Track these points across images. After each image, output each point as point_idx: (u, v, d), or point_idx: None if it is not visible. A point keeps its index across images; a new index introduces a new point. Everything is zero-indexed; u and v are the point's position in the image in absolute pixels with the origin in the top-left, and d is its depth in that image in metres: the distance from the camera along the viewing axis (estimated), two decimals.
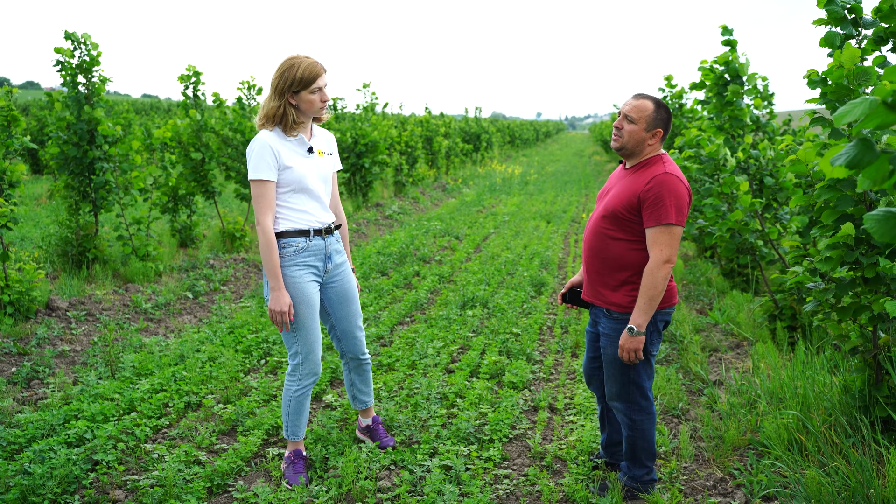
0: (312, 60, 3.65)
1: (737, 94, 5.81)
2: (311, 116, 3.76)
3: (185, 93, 10.16)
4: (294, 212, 3.73)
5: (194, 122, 9.78)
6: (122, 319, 6.83)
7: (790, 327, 5.90)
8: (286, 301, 3.65)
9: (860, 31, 3.69)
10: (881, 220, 1.90)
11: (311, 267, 3.79)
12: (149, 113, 42.94)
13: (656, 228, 3.36)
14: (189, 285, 8.05)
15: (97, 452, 4.07)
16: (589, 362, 3.90)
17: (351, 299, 4.03)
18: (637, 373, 3.58)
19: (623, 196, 3.47)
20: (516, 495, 3.83)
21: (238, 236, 10.10)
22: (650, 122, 3.49)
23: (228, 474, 3.94)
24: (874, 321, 3.74)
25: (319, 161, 3.83)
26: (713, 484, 3.97)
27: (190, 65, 10.07)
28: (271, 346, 6.07)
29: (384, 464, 4.09)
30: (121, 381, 5.17)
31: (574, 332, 6.59)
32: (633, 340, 3.41)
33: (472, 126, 30.16)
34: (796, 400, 4.27)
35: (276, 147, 3.64)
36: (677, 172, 3.43)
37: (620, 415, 3.68)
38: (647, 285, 3.37)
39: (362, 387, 4.28)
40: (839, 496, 3.35)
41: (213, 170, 10.04)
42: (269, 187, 3.63)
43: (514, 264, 9.54)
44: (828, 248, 3.66)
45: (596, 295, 3.64)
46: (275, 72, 3.67)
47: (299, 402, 3.93)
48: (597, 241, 3.59)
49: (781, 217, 6.16)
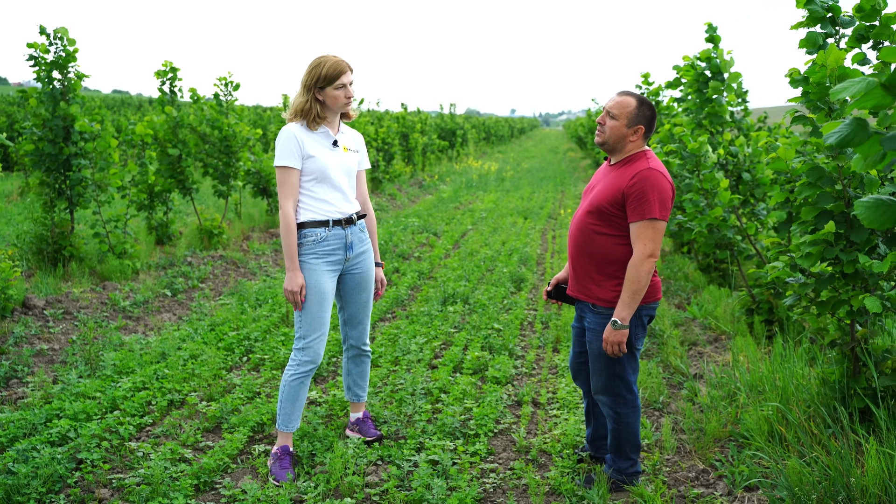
0: (338, 59, 3.84)
1: (717, 91, 5.88)
2: (336, 112, 3.94)
3: (161, 88, 10.07)
4: (315, 202, 3.90)
5: (171, 118, 9.70)
6: (101, 317, 6.77)
7: (767, 321, 5.99)
8: (299, 282, 3.83)
9: (838, 30, 3.76)
10: (871, 206, 1.95)
11: (329, 256, 3.94)
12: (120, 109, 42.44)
13: (640, 223, 3.40)
14: (167, 283, 8.00)
15: (81, 451, 4.04)
16: (575, 357, 3.94)
17: (365, 288, 4.17)
18: (622, 367, 3.62)
19: (608, 192, 3.51)
20: (503, 489, 3.87)
21: (216, 233, 10.04)
22: (631, 119, 3.53)
23: (215, 471, 3.93)
24: (852, 315, 3.81)
25: (343, 155, 3.99)
26: (696, 475, 4.03)
27: (167, 60, 9.98)
28: (253, 344, 6.06)
29: (371, 459, 4.11)
30: (102, 379, 5.13)
31: (554, 327, 6.63)
32: (616, 334, 3.45)
33: (447, 122, 30.18)
34: (776, 392, 4.35)
35: (300, 137, 3.84)
36: (661, 168, 3.47)
37: (606, 408, 3.72)
38: (631, 279, 3.41)
39: (358, 379, 4.34)
40: (819, 485, 3.42)
41: (190, 166, 9.97)
42: (291, 174, 3.83)
43: (493, 260, 9.58)
44: (808, 243, 3.73)
45: (582, 290, 3.68)
46: (304, 71, 3.86)
47: (294, 388, 3.96)
48: (582, 236, 3.62)
49: (759, 213, 6.25)
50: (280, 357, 5.68)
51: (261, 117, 26.87)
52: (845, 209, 3.67)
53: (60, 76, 7.88)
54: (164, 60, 9.98)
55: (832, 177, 3.61)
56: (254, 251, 10.11)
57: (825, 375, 4.09)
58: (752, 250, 6.22)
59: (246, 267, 9.27)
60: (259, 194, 11.92)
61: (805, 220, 3.77)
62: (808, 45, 3.73)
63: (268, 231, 11.56)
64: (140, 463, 4.02)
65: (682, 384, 5.31)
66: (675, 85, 7.29)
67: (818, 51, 3.68)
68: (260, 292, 7.66)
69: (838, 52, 3.39)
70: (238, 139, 10.19)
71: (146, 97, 56.20)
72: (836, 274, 3.76)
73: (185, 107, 10.62)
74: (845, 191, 3.62)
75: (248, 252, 10.06)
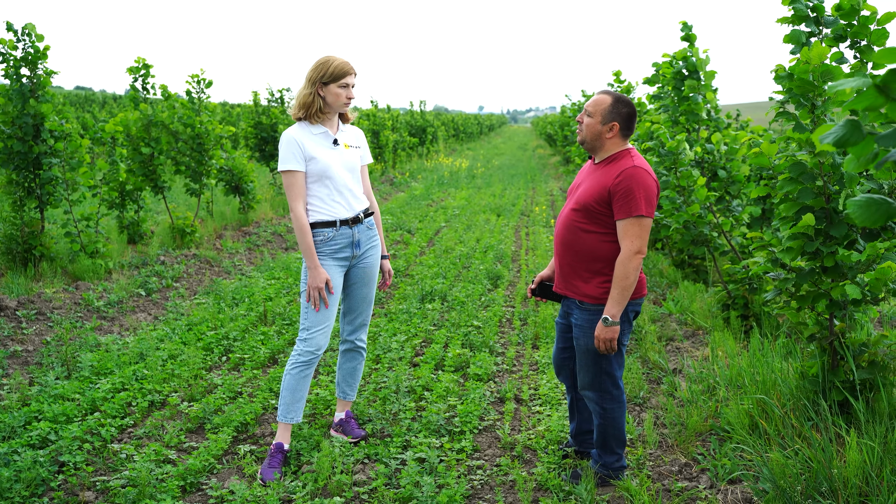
0: (345, 60, 3.97)
1: (694, 89, 5.96)
2: (336, 111, 4.03)
3: (133, 85, 9.94)
4: (322, 202, 3.99)
5: (144, 115, 9.58)
6: (75, 318, 6.67)
7: (743, 316, 6.08)
8: (323, 277, 3.93)
9: (821, 29, 3.82)
10: (863, 205, 1.99)
11: (337, 254, 4.04)
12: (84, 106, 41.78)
13: (627, 220, 3.44)
14: (141, 282, 7.91)
15: (63, 454, 3.99)
16: (559, 353, 3.97)
17: (366, 283, 4.24)
18: (609, 363, 3.66)
19: (594, 190, 3.54)
20: (490, 485, 3.89)
21: (188, 232, 9.94)
22: (606, 116, 3.57)
23: (201, 472, 3.91)
24: (831, 308, 3.89)
25: (345, 153, 4.07)
26: (678, 469, 4.08)
27: (139, 57, 9.86)
28: (232, 343, 6.02)
29: (358, 458, 4.11)
30: (80, 380, 5.06)
31: (533, 323, 6.67)
32: (608, 331, 3.49)
33: (417, 120, 30.14)
34: (756, 386, 4.42)
35: (300, 140, 3.93)
36: (645, 166, 3.51)
37: (592, 404, 3.76)
38: (620, 276, 3.45)
39: (348, 377, 4.37)
40: (802, 477, 3.49)
41: (163, 164, 9.86)
42: (296, 177, 3.93)
43: (468, 258, 9.60)
44: (789, 238, 3.79)
45: (568, 287, 3.71)
46: (310, 67, 3.98)
47: (294, 378, 4.01)
48: (569, 234, 3.65)
49: (734, 209, 6.34)
50: (260, 356, 5.65)
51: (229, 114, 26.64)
52: (825, 205, 3.75)
53: (30, 73, 7.74)
54: (137, 57, 9.86)
55: (813, 172, 3.68)
56: (227, 250, 10.03)
57: (804, 369, 4.17)
58: (728, 246, 6.31)
59: (220, 266, 9.20)
60: (231, 192, 11.83)
61: (786, 216, 3.84)
62: (792, 41, 3.79)
63: (240, 229, 11.47)
64: (124, 465, 3.98)
65: (661, 379, 5.37)
66: (652, 81, 7.36)
67: (802, 48, 3.74)
68: (236, 291, 7.61)
69: (822, 48, 3.46)
70: (211, 137, 10.10)
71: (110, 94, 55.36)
72: (816, 268, 3.83)
73: (157, 104, 10.49)
74: (826, 186, 3.69)
75: (222, 251, 9.97)
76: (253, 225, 11.91)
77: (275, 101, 16.04)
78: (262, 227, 11.65)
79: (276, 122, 14.96)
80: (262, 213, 12.58)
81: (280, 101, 16.15)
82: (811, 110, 3.63)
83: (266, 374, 5.42)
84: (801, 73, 3.55)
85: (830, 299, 3.87)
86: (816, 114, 3.62)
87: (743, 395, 4.46)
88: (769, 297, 4.04)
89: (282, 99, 16.22)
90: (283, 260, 9.37)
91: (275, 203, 13.55)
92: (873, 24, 3.99)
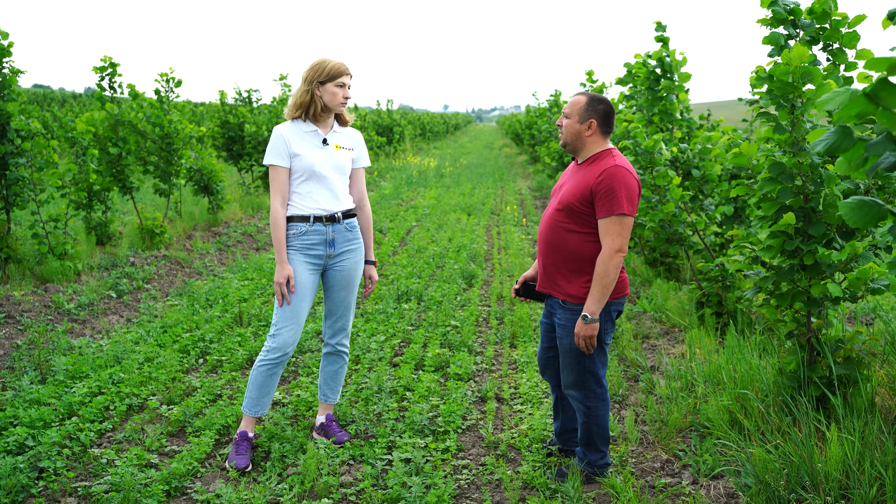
0: (341, 62, 4.03)
1: (669, 90, 6.03)
2: (332, 111, 4.07)
3: (100, 84, 9.79)
4: (301, 198, 4.04)
5: (111, 115, 9.44)
6: (45, 321, 6.56)
7: (717, 313, 6.17)
8: (286, 273, 3.97)
9: (798, 32, 3.90)
10: (855, 207, 2.04)
11: (309, 251, 4.06)
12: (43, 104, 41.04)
13: (609, 219, 3.47)
14: (112, 284, 7.80)
15: (42, 459, 3.93)
16: (543, 352, 4.00)
17: (345, 287, 4.24)
18: (592, 361, 3.69)
19: (577, 190, 3.58)
20: (477, 485, 3.90)
21: (158, 232, 9.82)
22: (582, 114, 3.61)
23: (185, 476, 3.87)
24: (809, 306, 3.97)
25: (334, 153, 4.10)
26: (661, 465, 4.13)
27: (106, 55, 9.71)
28: (208, 345, 5.96)
29: (343, 459, 4.10)
30: (55, 385, 4.98)
31: (510, 322, 6.71)
32: (587, 328, 3.52)
33: (384, 119, 30.10)
34: (734, 382, 4.49)
35: (287, 137, 4.00)
36: (627, 165, 3.55)
37: (576, 402, 3.79)
38: (600, 273, 3.49)
39: (329, 380, 4.36)
40: (783, 472, 3.55)
41: (131, 164, 9.73)
42: (279, 172, 3.99)
43: (442, 257, 9.61)
44: (769, 237, 3.86)
45: (552, 286, 3.74)
46: (306, 68, 4.04)
47: (262, 374, 4.04)
48: (553, 234, 3.68)
49: (706, 208, 6.42)
50: (238, 358, 5.60)
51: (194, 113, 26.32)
52: (803, 204, 3.82)
53: None
54: (103, 55, 9.71)
55: (792, 172, 3.75)
56: (198, 250, 9.93)
57: (782, 365, 4.24)
58: (702, 245, 6.39)
59: (191, 266, 9.10)
60: (200, 192, 11.71)
61: (765, 215, 3.90)
62: (771, 43, 3.86)
63: (210, 230, 11.37)
64: (105, 470, 3.93)
65: (638, 377, 5.43)
66: (625, 82, 7.43)
67: (780, 51, 3.81)
68: (210, 292, 7.54)
69: (802, 50, 3.53)
70: (181, 136, 9.99)
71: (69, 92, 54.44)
72: (796, 266, 3.91)
73: (124, 103, 10.34)
74: (805, 186, 3.77)
75: (193, 251, 9.87)
76: (223, 225, 11.81)
77: (242, 101, 15.92)
78: (232, 228, 11.56)
79: (243, 121, 14.84)
80: (231, 213, 12.47)
81: (247, 101, 16.02)
82: (791, 111, 3.69)
83: (245, 376, 5.38)
84: (781, 74, 3.61)
85: (809, 297, 3.95)
86: (796, 114, 3.69)
87: (721, 392, 4.53)
88: (748, 294, 4.11)
89: (249, 99, 16.10)
90: (256, 261, 9.30)
91: (244, 203, 13.44)
92: (844, 27, 4.08)
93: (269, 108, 15.36)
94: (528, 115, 26.22)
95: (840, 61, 4.10)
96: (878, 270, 3.60)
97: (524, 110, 31.05)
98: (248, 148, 14.73)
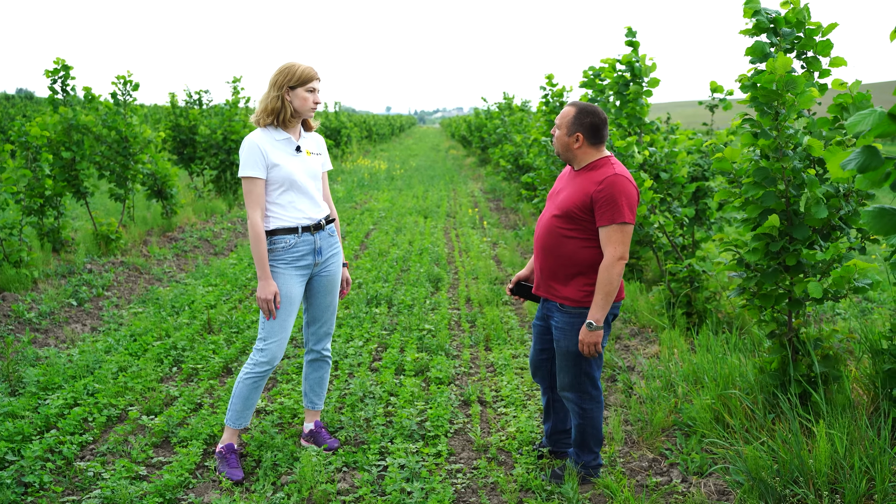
0: (310, 66, 3.92)
1: (638, 94, 6.15)
2: (301, 116, 3.95)
3: (52, 87, 9.53)
4: (284, 209, 3.91)
5: (65, 118, 9.20)
6: (6, 331, 6.37)
7: (686, 313, 6.31)
8: (271, 289, 3.85)
9: (780, 40, 4.02)
10: (875, 215, 2.13)
11: (298, 262, 3.97)
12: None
13: (610, 227, 3.53)
14: (71, 292, 7.61)
15: (26, 474, 3.83)
16: (537, 354, 4.04)
17: (330, 291, 4.18)
18: (589, 364, 3.75)
19: (576, 196, 3.63)
20: (472, 488, 3.93)
21: (113, 238, 9.60)
22: (570, 127, 3.66)
23: (178, 487, 3.81)
24: (792, 306, 4.10)
25: (307, 160, 4.00)
26: (648, 464, 4.21)
27: (58, 58, 9.45)
28: (181, 353, 5.86)
29: (337, 466, 4.08)
30: (27, 397, 4.85)
31: (481, 325, 6.75)
32: (592, 335, 3.58)
33: (332, 121, 29.90)
34: (715, 382, 4.60)
35: (263, 146, 3.84)
36: (626, 174, 3.62)
37: (571, 404, 3.85)
38: (603, 281, 3.54)
39: (315, 386, 4.32)
40: (773, 468, 3.66)
41: (86, 169, 9.49)
42: (256, 184, 3.84)
43: (405, 261, 9.61)
44: (753, 239, 3.98)
45: (549, 290, 3.78)
46: (274, 72, 3.91)
47: (247, 387, 3.99)
48: (550, 238, 3.72)
49: (674, 210, 6.57)
50: (214, 366, 5.53)
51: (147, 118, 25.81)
52: (785, 208, 3.94)
53: None
54: (56, 58, 9.45)
55: (776, 177, 3.87)
56: (155, 256, 9.74)
57: (763, 364, 4.37)
58: (670, 246, 6.53)
59: (150, 273, 8.93)
60: (154, 196, 11.48)
61: (749, 217, 4.02)
62: (754, 53, 3.98)
63: (165, 235, 11.16)
64: (93, 483, 3.84)
65: (615, 377, 5.52)
66: (589, 85, 7.56)
67: (764, 58, 3.93)
68: (175, 299, 7.41)
69: (787, 59, 3.64)
70: (139, 140, 9.79)
71: (3, 93, 52.71)
72: (779, 267, 4.03)
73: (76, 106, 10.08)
74: (787, 190, 3.89)
75: (150, 257, 9.68)
76: (177, 230, 11.60)
77: (193, 103, 15.65)
78: (188, 233, 11.37)
79: (195, 123, 14.60)
80: (185, 218, 12.26)
81: (198, 103, 15.76)
82: (775, 118, 3.81)
83: (223, 385, 5.31)
84: (765, 82, 3.73)
85: (790, 298, 4.08)
86: (780, 121, 3.81)
87: (703, 391, 4.64)
88: (733, 295, 4.22)
89: (200, 101, 15.84)
90: (217, 266, 9.16)
91: (197, 207, 13.23)
92: (818, 35, 4.23)
93: (219, 111, 15.15)
94: (478, 117, 26.35)
95: (814, 69, 4.24)
96: (861, 267, 3.73)
97: (473, 112, 31.18)
98: (199, 151, 14.50)
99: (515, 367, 5.69)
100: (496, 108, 19.48)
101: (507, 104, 18.89)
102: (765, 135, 3.79)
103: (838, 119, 4.03)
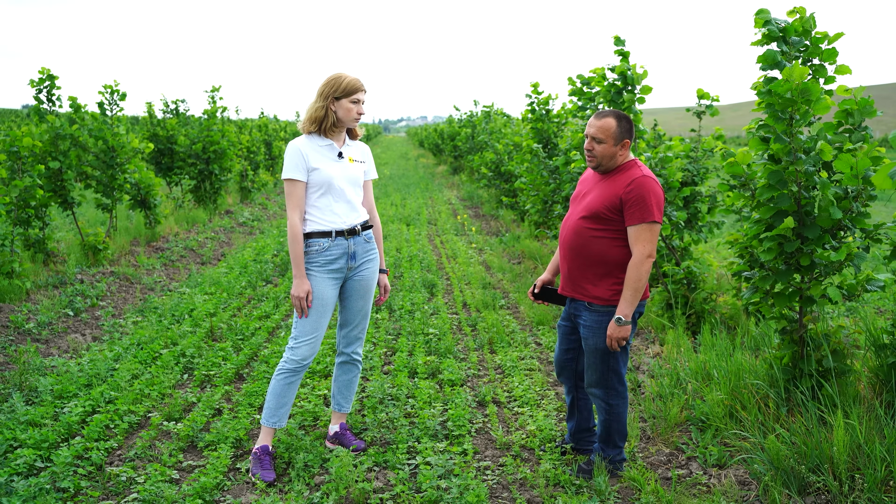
0: (356, 77, 4.05)
1: (632, 102, 6.30)
2: (346, 125, 4.07)
3: (38, 97, 9.46)
4: (321, 213, 4.05)
5: (52, 128, 9.14)
6: (7, 342, 6.33)
7: (685, 314, 6.48)
8: (305, 288, 3.98)
9: (788, 49, 4.20)
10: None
11: (331, 265, 4.07)
12: None
13: (640, 226, 3.67)
14: (67, 302, 7.56)
15: (60, 480, 3.84)
16: (562, 354, 4.16)
17: (362, 296, 4.27)
18: (616, 360, 3.88)
19: (604, 198, 3.76)
20: (503, 484, 4.02)
21: (101, 248, 9.54)
22: (617, 137, 3.79)
23: (215, 489, 3.85)
24: (804, 304, 4.27)
25: (349, 166, 4.12)
26: (666, 458, 4.35)
27: (44, 67, 9.38)
28: (190, 361, 5.88)
29: (368, 466, 4.15)
30: (44, 405, 4.84)
31: (483, 329, 6.85)
32: (620, 330, 3.71)
33: None
34: (726, 378, 4.76)
35: (304, 151, 4.00)
36: (652, 175, 3.77)
37: (598, 401, 3.97)
38: (632, 278, 3.68)
39: (343, 388, 4.41)
40: (793, 458, 3.82)
41: (73, 179, 9.43)
42: (297, 186, 3.98)
43: (397, 267, 9.69)
44: (767, 240, 4.14)
45: (577, 290, 3.90)
46: (322, 82, 4.02)
47: (280, 385, 4.09)
48: (578, 239, 3.84)
49: (670, 214, 6.74)
50: (227, 373, 5.56)
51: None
52: (797, 209, 4.12)
53: None
54: (41, 67, 9.39)
55: (788, 180, 4.04)
56: (144, 266, 9.69)
57: (773, 359, 4.53)
58: (666, 249, 6.70)
59: (141, 282, 8.89)
60: (137, 206, 11.42)
61: (761, 219, 4.19)
62: (765, 61, 4.15)
63: (150, 245, 11.10)
64: (128, 488, 3.87)
65: None
66: (578, 94, 7.71)
67: (775, 66, 4.10)
68: (174, 308, 7.41)
69: (802, 69, 3.81)
70: (126, 150, 9.75)
71: None
72: (792, 267, 4.20)
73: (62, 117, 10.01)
74: (800, 192, 4.06)
75: (139, 267, 9.63)
76: (161, 240, 11.54)
77: (170, 113, 15.57)
78: (172, 242, 11.32)
79: (173, 133, 14.53)
80: (168, 228, 12.20)
81: (175, 113, 15.69)
82: (789, 124, 3.98)
83: (239, 390, 5.35)
84: (781, 90, 3.90)
85: (802, 296, 4.24)
86: (794, 126, 3.98)
87: (714, 387, 4.79)
88: (746, 294, 4.38)
89: (177, 110, 15.76)
90: (210, 275, 9.15)
91: (178, 217, 13.16)
92: (824, 43, 4.41)
93: (198, 121, 15.10)
94: (451, 126, 26.51)
95: (820, 76, 4.42)
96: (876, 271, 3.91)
97: (445, 121, 31.33)
98: (177, 161, 14.44)
99: (523, 368, 5.80)
100: (480, 115, 19.66)
101: (487, 113, 19.10)
102: (780, 139, 3.96)
103: (842, 124, 4.22)
